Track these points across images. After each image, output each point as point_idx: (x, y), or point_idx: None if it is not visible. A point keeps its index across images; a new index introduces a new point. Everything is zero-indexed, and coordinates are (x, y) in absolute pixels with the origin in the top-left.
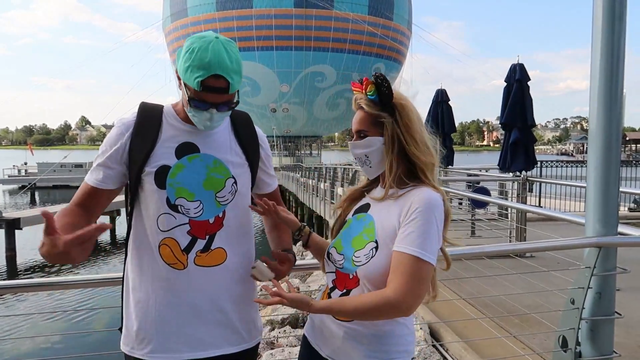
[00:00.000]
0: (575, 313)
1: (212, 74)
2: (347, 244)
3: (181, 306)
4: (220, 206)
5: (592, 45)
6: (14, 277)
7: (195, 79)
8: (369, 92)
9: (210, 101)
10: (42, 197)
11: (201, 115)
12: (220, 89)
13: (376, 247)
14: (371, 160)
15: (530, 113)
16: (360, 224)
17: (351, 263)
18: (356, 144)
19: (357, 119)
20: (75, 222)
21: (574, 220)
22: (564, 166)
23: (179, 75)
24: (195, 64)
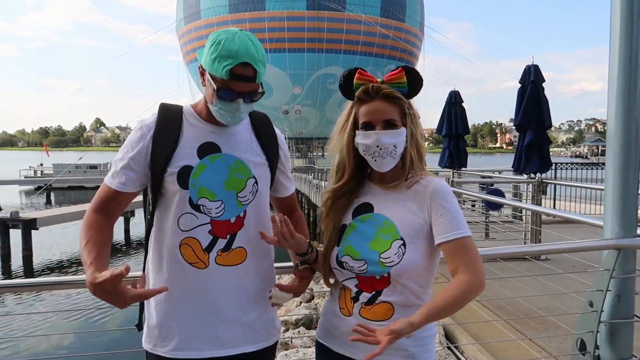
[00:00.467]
0: (593, 316)
1: (241, 61)
2: (363, 248)
3: (202, 305)
4: (241, 206)
5: (610, 45)
6: (30, 277)
7: (224, 68)
8: (399, 84)
9: (238, 90)
10: (57, 198)
11: (227, 107)
12: (248, 77)
13: (404, 244)
14: (397, 150)
15: (547, 114)
16: (371, 225)
17: (380, 265)
18: (389, 134)
19: (385, 108)
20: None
21: (592, 222)
22: (578, 168)
23: (204, 69)
24: (224, 54)
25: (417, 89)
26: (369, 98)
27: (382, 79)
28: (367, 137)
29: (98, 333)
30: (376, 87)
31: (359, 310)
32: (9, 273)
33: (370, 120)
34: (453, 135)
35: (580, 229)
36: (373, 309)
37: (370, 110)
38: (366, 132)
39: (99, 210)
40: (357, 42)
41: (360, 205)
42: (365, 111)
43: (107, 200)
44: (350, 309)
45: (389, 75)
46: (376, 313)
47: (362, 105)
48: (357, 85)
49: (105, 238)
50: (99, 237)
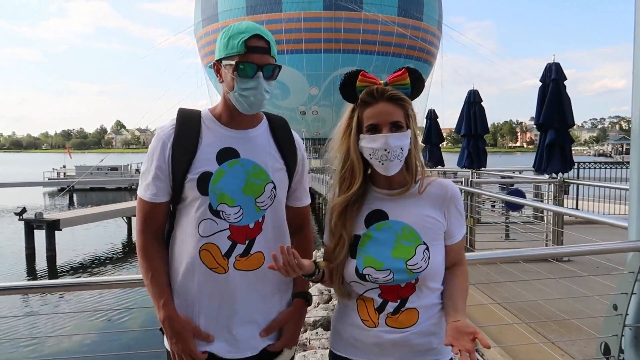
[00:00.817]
0: (618, 319)
1: (253, 33)
2: (385, 258)
3: (222, 309)
4: (260, 211)
5: (635, 42)
6: (54, 277)
7: (239, 41)
8: (403, 85)
9: (256, 62)
10: (80, 199)
11: (249, 84)
12: (264, 49)
13: (427, 248)
14: (404, 153)
15: (569, 113)
16: (388, 233)
17: (407, 273)
18: (397, 136)
19: (391, 110)
20: (163, 263)
21: (616, 223)
22: (602, 167)
23: (219, 63)
24: (235, 32)
25: (419, 90)
26: (374, 100)
27: (385, 81)
28: (374, 141)
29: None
30: (381, 89)
31: (385, 320)
32: (33, 273)
33: (377, 122)
34: (472, 135)
35: (603, 230)
36: (400, 318)
37: (376, 113)
38: (373, 136)
39: (146, 228)
40: (375, 42)
41: (372, 213)
42: (371, 114)
43: (148, 215)
44: (376, 320)
45: (392, 76)
46: (402, 321)
47: (367, 108)
48: (360, 87)
49: (162, 264)
50: (159, 266)
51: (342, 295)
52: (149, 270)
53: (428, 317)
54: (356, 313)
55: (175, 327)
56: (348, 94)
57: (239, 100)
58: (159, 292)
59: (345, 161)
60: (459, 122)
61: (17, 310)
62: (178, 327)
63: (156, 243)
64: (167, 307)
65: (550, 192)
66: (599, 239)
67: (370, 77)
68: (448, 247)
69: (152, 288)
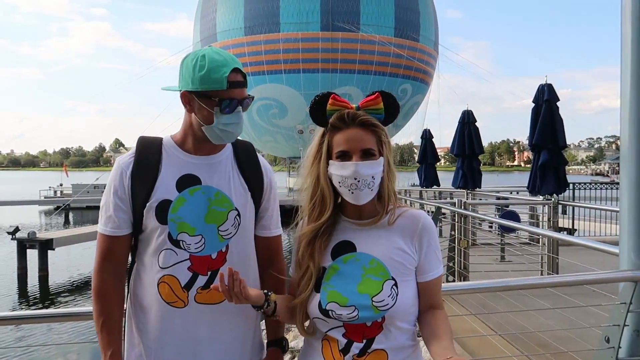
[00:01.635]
0: (610, 353)
1: (233, 67)
2: (350, 293)
3: (181, 346)
4: (223, 240)
5: (622, 62)
6: (45, 297)
7: (222, 75)
8: (376, 110)
9: (238, 97)
10: (75, 218)
11: (232, 119)
12: (242, 83)
13: (396, 284)
14: (375, 182)
15: (561, 134)
16: (355, 266)
17: (373, 310)
18: (367, 164)
19: (362, 137)
20: (118, 308)
21: (607, 249)
22: (598, 188)
23: (190, 94)
24: (212, 66)
25: (394, 115)
26: (344, 125)
27: (357, 105)
28: (344, 168)
29: None
30: (352, 114)
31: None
32: (25, 294)
33: (347, 149)
34: (466, 155)
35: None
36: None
37: (346, 139)
38: (343, 163)
39: (104, 267)
40: (372, 62)
41: (339, 244)
42: (341, 140)
43: (108, 251)
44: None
45: (364, 100)
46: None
47: (337, 133)
48: (331, 111)
49: (116, 308)
50: (114, 309)
51: (305, 333)
52: (101, 315)
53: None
54: (320, 354)
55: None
56: (318, 117)
57: (219, 134)
58: (108, 341)
59: (316, 188)
60: (454, 142)
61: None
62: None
63: (114, 284)
64: (115, 358)
65: (545, 213)
66: (596, 260)
67: (341, 100)
68: (421, 284)
69: (101, 335)
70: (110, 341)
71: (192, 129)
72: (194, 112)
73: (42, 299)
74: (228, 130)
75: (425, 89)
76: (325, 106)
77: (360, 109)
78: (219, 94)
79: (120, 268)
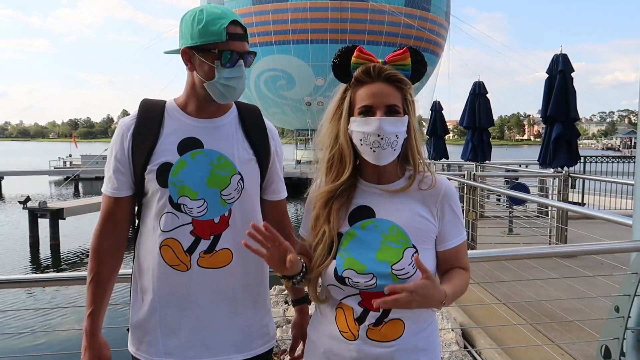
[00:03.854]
0: (620, 322)
1: (231, 19)
2: (369, 260)
3: (185, 310)
4: (225, 205)
5: None
6: (57, 265)
7: (220, 27)
8: (403, 66)
9: (239, 50)
10: (85, 188)
11: (233, 73)
12: (242, 36)
13: (417, 252)
14: (398, 142)
15: (573, 106)
16: (374, 232)
17: (392, 279)
18: (392, 121)
19: (388, 92)
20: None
21: (620, 220)
22: (609, 162)
23: (190, 51)
24: (210, 19)
25: (421, 73)
26: (370, 79)
27: (384, 60)
28: (367, 124)
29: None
30: (379, 68)
31: (366, 332)
32: (37, 261)
33: (371, 104)
34: (476, 128)
35: (610, 225)
36: (382, 330)
37: (370, 93)
38: (366, 118)
39: (105, 226)
40: (381, 33)
41: (358, 209)
42: (365, 94)
43: (109, 212)
44: (356, 332)
45: (392, 55)
46: (386, 333)
47: (361, 88)
48: (355, 65)
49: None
50: (103, 271)
51: (318, 300)
52: (91, 273)
53: (416, 331)
54: (334, 323)
55: (91, 343)
56: (341, 71)
57: (221, 89)
58: (91, 300)
59: (333, 147)
60: (463, 114)
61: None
62: (93, 345)
63: (111, 245)
64: (92, 319)
65: (555, 186)
66: (604, 234)
67: (367, 53)
68: (441, 253)
69: (88, 293)
70: (92, 301)
71: (195, 89)
72: (195, 69)
73: (54, 266)
74: (230, 85)
75: (435, 61)
76: (349, 60)
77: (386, 64)
78: (218, 46)
79: (120, 229)
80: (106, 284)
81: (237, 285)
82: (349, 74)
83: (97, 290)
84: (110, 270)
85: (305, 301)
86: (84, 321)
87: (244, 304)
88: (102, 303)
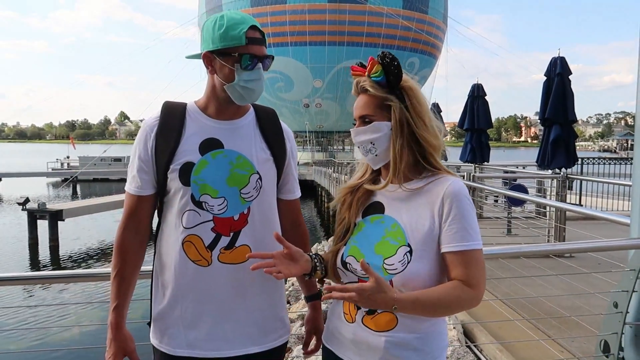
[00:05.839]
0: (618, 317)
1: (251, 25)
2: (368, 251)
3: (206, 303)
4: (245, 202)
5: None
6: (57, 267)
7: (240, 32)
8: (374, 74)
9: (258, 54)
10: (83, 190)
11: (252, 76)
12: (261, 40)
13: (410, 251)
14: (377, 147)
15: (571, 108)
16: (379, 227)
17: (383, 272)
18: (360, 130)
19: (361, 104)
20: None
21: (618, 220)
22: (606, 163)
23: (211, 55)
24: (232, 23)
25: (396, 75)
26: (357, 94)
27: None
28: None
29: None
30: (356, 81)
31: (362, 318)
32: (36, 263)
33: (354, 116)
34: (475, 129)
35: (606, 226)
36: (375, 319)
37: (354, 107)
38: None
39: (128, 223)
40: (379, 35)
41: (372, 204)
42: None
43: (133, 210)
44: (354, 316)
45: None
46: (378, 323)
47: None
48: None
49: (132, 267)
50: (127, 267)
51: (333, 276)
52: (115, 268)
53: (409, 329)
54: (341, 305)
55: (116, 335)
56: None
57: (240, 92)
58: (115, 294)
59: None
60: (462, 116)
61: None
62: (118, 337)
63: (134, 242)
64: (117, 313)
65: (553, 187)
66: (602, 235)
67: (357, 69)
68: (448, 256)
69: (112, 287)
70: (117, 295)
71: (215, 92)
72: (216, 72)
73: (53, 267)
74: (249, 87)
75: (433, 63)
76: None
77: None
78: (238, 50)
79: (143, 227)
80: (130, 279)
81: (255, 280)
82: None
83: (121, 285)
84: (133, 266)
85: (318, 297)
86: (109, 315)
87: (261, 298)
88: (126, 297)
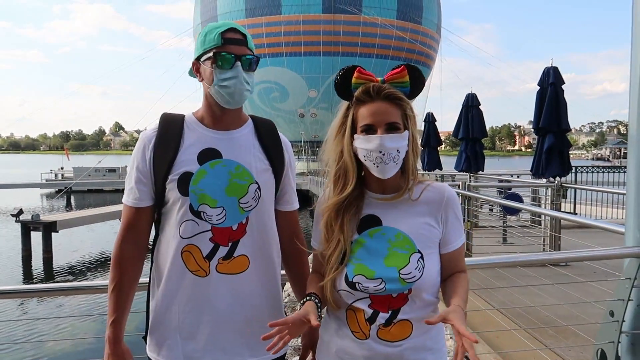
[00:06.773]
0: (614, 326)
1: (229, 27)
2: (378, 266)
3: (204, 314)
4: (243, 212)
5: (632, 43)
6: (50, 279)
7: (215, 34)
8: (402, 83)
9: (234, 52)
10: (77, 201)
11: (229, 75)
12: (240, 41)
13: (422, 257)
14: (400, 156)
15: (564, 117)
16: (382, 240)
17: (400, 282)
18: (393, 137)
19: (389, 110)
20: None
21: (612, 228)
22: (600, 172)
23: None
24: (210, 28)
25: (419, 89)
26: (370, 99)
27: (383, 78)
28: (369, 142)
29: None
30: (377, 87)
31: (377, 332)
32: (29, 275)
33: (372, 122)
34: (470, 139)
35: (601, 234)
36: (392, 330)
37: (371, 112)
38: (368, 136)
39: (127, 236)
40: (373, 45)
41: (365, 218)
42: (366, 113)
43: (131, 222)
44: (367, 332)
45: (390, 73)
46: (395, 333)
47: (362, 107)
48: (356, 84)
49: (130, 279)
50: (125, 279)
51: (331, 305)
52: (113, 281)
53: (423, 331)
54: (346, 324)
55: (114, 350)
56: (343, 91)
57: (219, 92)
58: (114, 308)
59: (339, 162)
60: (457, 125)
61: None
62: (116, 352)
63: (132, 254)
64: (115, 327)
65: (548, 196)
66: (597, 243)
67: (367, 73)
68: (444, 255)
69: (110, 301)
70: (115, 309)
71: (207, 100)
72: (203, 78)
73: (47, 279)
74: (226, 85)
75: (427, 73)
76: (350, 80)
77: (385, 82)
78: (215, 50)
79: (141, 239)
80: (128, 292)
81: (254, 291)
82: (351, 93)
83: (119, 298)
84: (131, 278)
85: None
86: (107, 329)
87: (259, 308)
88: (124, 311)
